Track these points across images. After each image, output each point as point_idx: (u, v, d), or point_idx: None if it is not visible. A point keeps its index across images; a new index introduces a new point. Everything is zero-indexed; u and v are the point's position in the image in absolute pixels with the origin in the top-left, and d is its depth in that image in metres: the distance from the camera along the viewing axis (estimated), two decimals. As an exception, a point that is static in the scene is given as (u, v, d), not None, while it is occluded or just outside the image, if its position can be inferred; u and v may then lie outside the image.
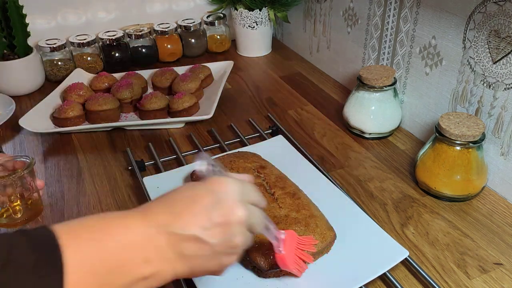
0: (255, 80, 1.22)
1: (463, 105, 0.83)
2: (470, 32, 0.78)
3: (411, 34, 0.91)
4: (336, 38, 1.16)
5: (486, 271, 0.65)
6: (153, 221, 0.42)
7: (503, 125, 0.76)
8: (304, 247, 0.58)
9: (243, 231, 0.46)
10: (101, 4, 1.28)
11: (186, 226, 0.43)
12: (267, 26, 1.32)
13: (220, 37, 1.36)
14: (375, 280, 0.63)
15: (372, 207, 0.77)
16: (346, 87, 1.16)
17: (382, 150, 0.92)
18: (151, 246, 0.41)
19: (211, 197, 0.45)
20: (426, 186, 0.79)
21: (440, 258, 0.68)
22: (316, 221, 0.64)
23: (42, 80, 1.19)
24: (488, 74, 0.76)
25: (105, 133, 0.99)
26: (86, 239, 0.38)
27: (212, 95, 1.07)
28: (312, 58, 1.30)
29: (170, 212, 0.43)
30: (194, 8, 1.38)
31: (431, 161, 0.77)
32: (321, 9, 1.20)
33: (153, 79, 1.13)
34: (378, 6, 0.98)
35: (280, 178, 0.71)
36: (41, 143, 0.97)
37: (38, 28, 1.23)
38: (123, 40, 1.26)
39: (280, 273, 0.62)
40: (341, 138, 0.97)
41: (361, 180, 0.84)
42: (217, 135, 0.95)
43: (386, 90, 0.91)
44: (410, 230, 0.73)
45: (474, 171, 0.75)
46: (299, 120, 1.04)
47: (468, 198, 0.78)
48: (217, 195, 0.45)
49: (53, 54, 1.19)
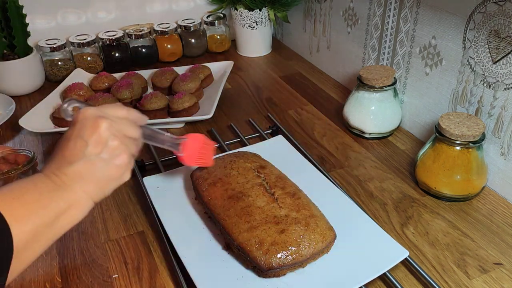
0: (255, 80, 1.22)
1: (463, 105, 0.83)
2: (470, 32, 0.78)
3: (411, 34, 0.91)
4: (336, 38, 1.16)
5: (486, 271, 0.66)
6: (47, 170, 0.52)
7: (503, 125, 0.76)
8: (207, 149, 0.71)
9: (114, 134, 0.54)
10: (101, 4, 1.28)
11: (71, 159, 0.52)
12: (267, 26, 1.32)
13: (220, 37, 1.36)
14: (375, 280, 0.63)
15: (372, 207, 0.77)
16: (346, 87, 1.16)
17: (382, 150, 0.92)
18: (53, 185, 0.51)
19: (75, 127, 0.53)
20: (426, 186, 0.79)
21: (440, 258, 0.68)
22: (316, 221, 0.64)
23: (42, 80, 1.19)
24: (488, 74, 0.76)
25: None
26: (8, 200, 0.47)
27: (212, 95, 1.07)
28: (312, 58, 1.30)
29: (56, 159, 0.53)
30: (194, 8, 1.38)
31: (431, 161, 0.77)
32: (321, 9, 1.20)
33: (153, 79, 1.13)
34: (378, 6, 0.98)
35: (280, 178, 0.71)
36: (41, 143, 0.97)
37: (38, 28, 1.23)
38: (123, 40, 1.26)
39: (280, 273, 0.62)
40: (341, 138, 0.97)
41: (361, 180, 0.84)
42: (217, 135, 0.95)
43: (386, 90, 0.91)
44: (410, 230, 0.73)
45: (474, 171, 0.75)
46: (299, 120, 1.04)
47: (468, 198, 0.78)
48: (80, 123, 0.53)
49: (53, 54, 1.19)
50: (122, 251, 0.71)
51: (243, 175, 0.71)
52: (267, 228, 0.62)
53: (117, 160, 0.54)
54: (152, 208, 0.74)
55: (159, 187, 0.78)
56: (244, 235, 0.62)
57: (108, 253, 0.70)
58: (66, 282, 0.66)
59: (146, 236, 0.73)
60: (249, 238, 0.62)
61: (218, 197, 0.68)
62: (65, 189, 0.51)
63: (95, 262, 0.69)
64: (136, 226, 0.75)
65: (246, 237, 0.62)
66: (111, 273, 0.67)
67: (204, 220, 0.72)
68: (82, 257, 0.69)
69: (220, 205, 0.67)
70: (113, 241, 0.72)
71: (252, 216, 0.64)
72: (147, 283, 0.65)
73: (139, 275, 0.66)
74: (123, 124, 0.56)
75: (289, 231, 0.62)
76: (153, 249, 0.71)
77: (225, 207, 0.67)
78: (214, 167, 0.74)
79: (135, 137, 0.58)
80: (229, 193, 0.68)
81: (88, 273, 0.67)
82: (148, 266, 0.68)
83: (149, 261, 0.69)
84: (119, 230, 0.74)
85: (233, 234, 0.63)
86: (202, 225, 0.71)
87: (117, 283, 0.65)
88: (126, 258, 0.69)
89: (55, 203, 0.50)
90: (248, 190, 0.68)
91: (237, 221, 0.64)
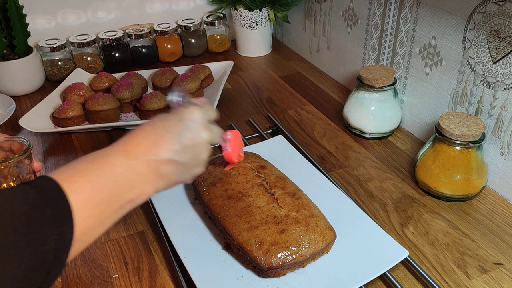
0: (255, 80, 1.22)
1: (463, 105, 0.83)
2: (470, 32, 0.78)
3: (411, 34, 0.91)
4: (336, 38, 1.16)
5: (486, 271, 0.66)
6: (132, 152, 0.49)
7: (503, 125, 0.76)
8: (242, 145, 0.72)
9: (206, 147, 0.56)
10: (101, 4, 1.28)
11: (161, 152, 0.51)
12: (267, 26, 1.32)
13: (220, 37, 1.36)
14: (375, 280, 0.63)
15: (372, 207, 0.78)
16: (346, 87, 1.16)
17: (382, 150, 0.92)
18: (134, 175, 0.49)
19: (180, 125, 0.53)
20: (426, 186, 0.79)
21: (440, 258, 0.68)
22: (316, 221, 0.64)
23: (42, 80, 1.19)
24: (488, 74, 0.76)
25: (105, 133, 0.99)
26: (83, 182, 0.45)
27: (212, 95, 1.07)
28: (312, 58, 1.30)
29: (146, 143, 0.51)
30: (194, 8, 1.38)
31: (431, 161, 0.77)
32: (321, 9, 1.20)
33: (153, 79, 1.13)
34: (378, 6, 0.98)
35: (280, 178, 0.71)
36: (41, 143, 0.97)
37: (38, 28, 1.23)
38: (123, 40, 1.26)
39: (280, 273, 0.62)
40: (341, 138, 0.97)
41: (361, 180, 0.84)
42: (217, 135, 0.95)
43: (386, 90, 0.91)
44: (410, 230, 0.73)
45: (474, 171, 0.75)
46: (299, 120, 1.04)
47: (468, 198, 0.78)
48: (185, 123, 0.54)
49: (53, 54, 1.19)
50: (122, 251, 0.71)
51: (243, 175, 0.71)
52: (267, 228, 0.62)
53: (196, 170, 0.56)
54: (152, 208, 0.74)
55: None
56: (244, 235, 0.62)
57: (108, 253, 0.70)
58: (66, 282, 0.66)
59: (146, 236, 0.73)
60: (249, 238, 0.62)
61: (218, 197, 0.68)
62: (141, 180, 0.49)
63: (95, 262, 0.69)
64: (136, 226, 0.75)
65: (246, 237, 0.62)
66: (111, 273, 0.67)
67: (204, 220, 0.72)
68: (82, 257, 0.70)
69: (220, 205, 0.67)
70: (113, 241, 0.72)
71: (252, 216, 0.64)
72: (147, 283, 0.65)
73: (139, 275, 0.66)
74: (215, 139, 0.59)
75: (289, 231, 0.62)
76: (153, 249, 0.71)
77: (225, 207, 0.67)
78: (214, 167, 0.74)
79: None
80: (229, 193, 0.68)
81: (88, 273, 0.67)
82: (148, 266, 0.68)
83: (149, 261, 0.69)
84: (119, 230, 0.74)
85: (233, 234, 0.63)
86: (202, 225, 0.71)
87: (117, 283, 0.65)
88: (126, 258, 0.69)
89: (127, 196, 0.48)
90: (248, 190, 0.68)
91: (237, 221, 0.64)
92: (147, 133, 0.52)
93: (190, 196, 0.77)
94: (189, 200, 0.76)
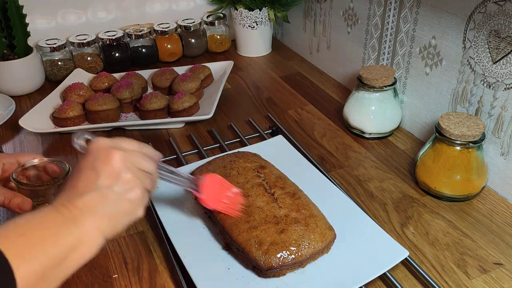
0: (255, 80, 1.22)
1: (463, 105, 0.83)
2: (470, 32, 0.78)
3: (411, 34, 0.91)
4: (336, 38, 1.16)
5: (486, 271, 0.66)
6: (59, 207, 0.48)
7: (503, 125, 0.76)
8: (226, 189, 0.65)
9: (127, 166, 0.52)
10: (101, 4, 1.28)
11: (82, 191, 0.49)
12: (267, 26, 1.32)
13: (220, 37, 1.36)
14: (375, 280, 0.63)
15: (372, 207, 0.77)
16: (346, 87, 1.16)
17: (382, 150, 0.92)
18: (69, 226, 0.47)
19: (88, 159, 0.52)
20: (426, 186, 0.79)
21: (440, 258, 0.68)
22: (316, 221, 0.64)
23: (42, 80, 1.19)
24: (488, 74, 0.76)
25: (105, 133, 0.99)
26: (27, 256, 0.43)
27: (212, 95, 1.07)
28: (312, 58, 1.30)
29: (66, 193, 0.50)
30: (194, 8, 1.38)
31: (431, 161, 0.77)
32: (321, 9, 1.20)
33: (153, 79, 1.13)
34: (378, 6, 0.98)
35: (280, 178, 0.71)
36: (41, 143, 0.97)
37: (38, 28, 1.23)
38: (123, 40, 1.26)
39: (280, 273, 0.62)
40: (341, 138, 0.97)
41: (361, 180, 0.84)
42: (217, 135, 0.95)
43: (386, 90, 0.91)
44: (410, 230, 0.73)
45: (474, 171, 0.75)
46: (299, 120, 1.04)
47: (468, 198, 0.78)
48: (93, 154, 0.52)
49: (53, 54, 1.19)
50: (122, 251, 0.71)
51: (243, 175, 0.71)
52: (267, 228, 0.62)
53: (130, 194, 0.52)
54: (152, 208, 0.74)
55: (159, 187, 0.78)
56: (244, 235, 0.62)
57: (108, 253, 0.70)
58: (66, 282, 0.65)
59: (146, 236, 0.73)
60: (249, 238, 0.62)
61: (218, 197, 0.68)
62: (74, 223, 0.47)
63: (95, 262, 0.69)
64: (136, 226, 0.75)
65: (246, 237, 0.62)
66: (111, 273, 0.67)
67: (204, 220, 0.72)
68: (82, 257, 0.69)
69: (220, 205, 0.67)
70: (113, 241, 0.72)
71: (252, 216, 0.64)
72: (147, 283, 0.65)
73: (139, 275, 0.66)
74: (137, 157, 0.54)
75: (289, 231, 0.62)
76: (153, 249, 0.71)
77: (225, 207, 0.67)
78: (214, 167, 0.74)
79: (149, 171, 0.55)
80: (229, 193, 0.68)
81: (88, 273, 0.67)
82: (148, 266, 0.68)
83: (149, 261, 0.69)
84: (119, 230, 0.74)
85: (233, 234, 0.63)
86: (202, 225, 0.71)
87: (117, 283, 0.65)
88: (126, 258, 0.69)
89: (64, 240, 0.46)
90: (248, 190, 0.68)
91: (237, 221, 0.64)
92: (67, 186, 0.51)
93: (190, 196, 0.77)
94: (189, 200, 0.76)
